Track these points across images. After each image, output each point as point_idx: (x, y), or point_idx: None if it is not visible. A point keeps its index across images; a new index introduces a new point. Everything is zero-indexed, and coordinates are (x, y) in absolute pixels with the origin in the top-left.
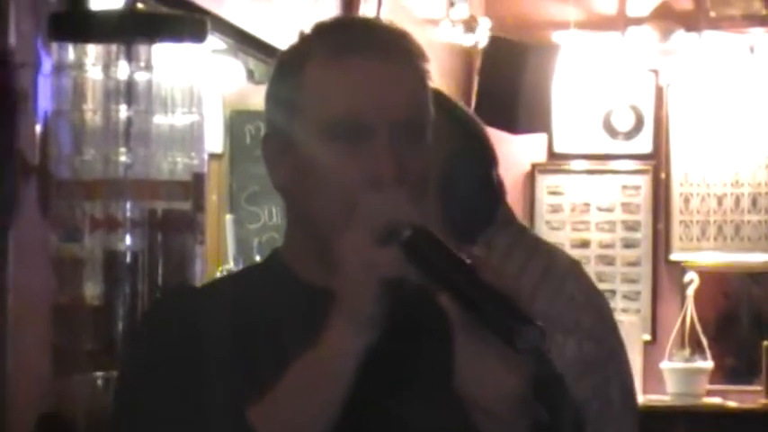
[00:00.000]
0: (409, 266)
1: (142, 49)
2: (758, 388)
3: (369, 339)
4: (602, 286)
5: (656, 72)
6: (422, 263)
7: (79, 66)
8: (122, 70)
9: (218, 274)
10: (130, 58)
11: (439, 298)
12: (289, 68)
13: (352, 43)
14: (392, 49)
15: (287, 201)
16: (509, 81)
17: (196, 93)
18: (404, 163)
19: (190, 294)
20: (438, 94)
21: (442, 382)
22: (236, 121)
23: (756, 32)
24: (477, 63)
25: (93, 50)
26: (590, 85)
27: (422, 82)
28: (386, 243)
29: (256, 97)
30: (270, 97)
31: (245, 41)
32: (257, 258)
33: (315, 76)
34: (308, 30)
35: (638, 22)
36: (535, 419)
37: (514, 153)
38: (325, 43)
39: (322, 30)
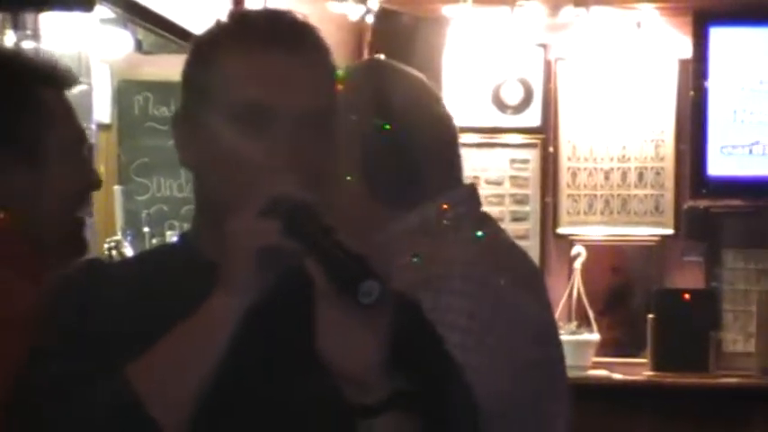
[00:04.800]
0: (286, 237)
1: (29, 17)
2: (643, 360)
3: (243, 304)
4: None
5: (544, 46)
6: (295, 232)
7: None
8: (9, 38)
9: (106, 246)
10: (17, 26)
11: (306, 263)
12: (204, 53)
13: (264, 34)
14: (302, 43)
15: (194, 180)
16: (399, 54)
17: (84, 62)
18: (302, 152)
19: (96, 267)
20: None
21: (310, 350)
22: (125, 91)
23: (643, 8)
24: (368, 36)
25: None
26: (479, 59)
27: (328, 76)
28: (266, 216)
29: (145, 67)
30: (185, 79)
31: (133, 11)
32: (146, 230)
33: (228, 63)
34: (224, 18)
35: None
36: (397, 386)
37: None
38: (240, 32)
39: (238, 19)
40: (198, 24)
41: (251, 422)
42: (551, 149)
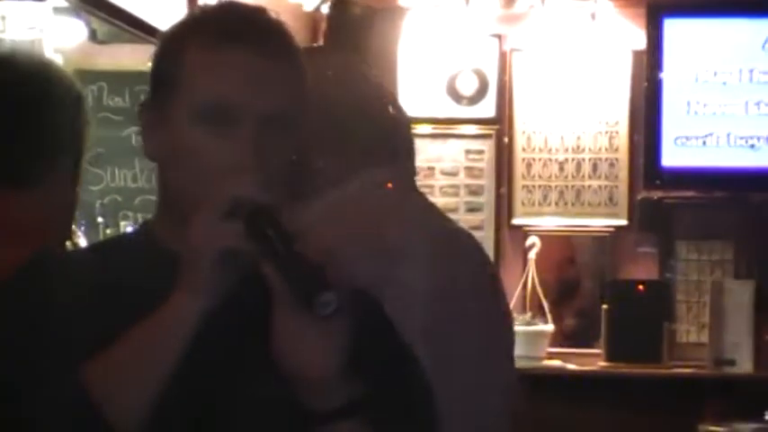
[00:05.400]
0: (247, 240)
1: None
2: (597, 351)
3: (204, 306)
4: None
5: (499, 37)
6: (255, 236)
7: None
8: None
9: None
10: None
11: (263, 270)
12: (171, 48)
13: (233, 32)
14: (271, 42)
15: (158, 172)
16: (354, 45)
17: (37, 51)
18: (265, 152)
19: (52, 258)
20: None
21: (266, 355)
22: (79, 80)
23: None
24: (323, 26)
25: None
26: (434, 50)
27: (297, 76)
28: (229, 218)
29: (99, 57)
30: (152, 72)
31: (87, 0)
32: (99, 220)
33: (194, 60)
34: (193, 12)
35: None
36: (353, 393)
37: None
38: (208, 28)
39: (206, 14)
40: (152, 14)
41: (207, 426)
42: (506, 140)
